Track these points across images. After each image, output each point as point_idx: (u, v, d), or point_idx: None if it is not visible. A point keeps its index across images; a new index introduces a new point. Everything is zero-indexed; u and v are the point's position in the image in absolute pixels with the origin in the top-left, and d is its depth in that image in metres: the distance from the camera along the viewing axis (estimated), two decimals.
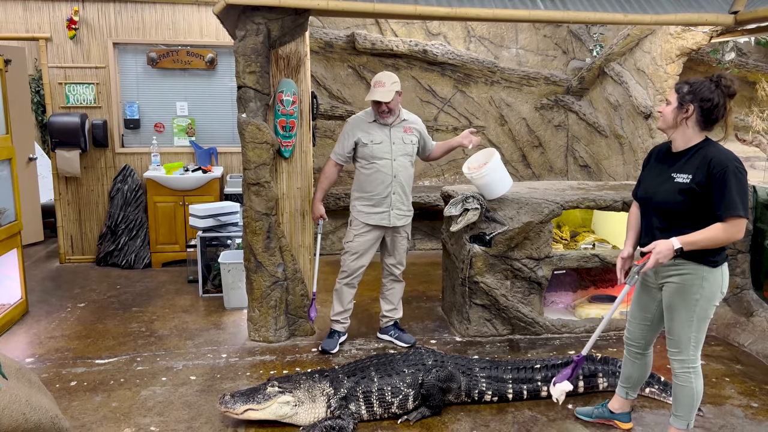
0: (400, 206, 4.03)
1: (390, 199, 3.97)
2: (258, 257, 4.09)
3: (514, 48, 6.73)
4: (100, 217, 6.17)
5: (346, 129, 4.04)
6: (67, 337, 4.32)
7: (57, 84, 5.91)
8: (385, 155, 3.94)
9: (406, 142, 4.00)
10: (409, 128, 4.04)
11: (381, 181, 3.95)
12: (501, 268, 4.26)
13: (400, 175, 3.99)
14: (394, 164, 3.95)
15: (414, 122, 4.10)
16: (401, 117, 4.03)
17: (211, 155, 6.22)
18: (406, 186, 4.02)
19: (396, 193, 3.98)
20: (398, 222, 4.04)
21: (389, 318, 4.28)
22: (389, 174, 3.95)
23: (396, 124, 3.99)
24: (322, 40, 6.18)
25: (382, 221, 4.01)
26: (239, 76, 3.93)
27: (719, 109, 2.62)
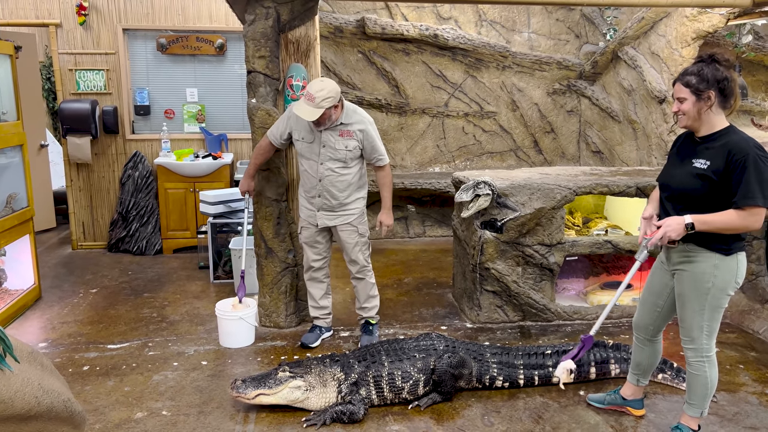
0: (329, 210, 3.76)
1: (316, 201, 3.76)
2: (268, 243, 4.09)
3: (526, 32, 6.65)
4: (111, 203, 6.20)
5: (286, 114, 3.78)
6: (79, 322, 4.35)
7: (67, 70, 5.91)
8: (312, 156, 3.69)
9: (338, 147, 3.64)
10: (347, 131, 3.66)
11: (308, 180, 3.76)
12: (512, 255, 4.23)
13: (326, 180, 3.68)
14: (319, 168, 3.67)
15: (357, 123, 3.68)
16: (339, 120, 3.65)
17: (221, 141, 6.21)
18: (335, 191, 3.70)
19: (322, 197, 3.72)
20: (328, 222, 3.78)
21: (359, 316, 4.05)
22: (314, 177, 3.71)
23: (329, 129, 3.64)
24: (331, 25, 6.13)
25: (310, 219, 3.83)
26: (248, 60, 3.90)
27: (732, 82, 2.58)
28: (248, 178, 3.95)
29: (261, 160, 3.89)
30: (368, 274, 3.94)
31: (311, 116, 3.44)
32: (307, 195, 3.80)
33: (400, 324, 4.32)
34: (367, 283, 3.96)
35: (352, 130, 3.67)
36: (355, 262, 3.88)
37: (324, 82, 3.50)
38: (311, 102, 3.44)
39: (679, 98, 2.63)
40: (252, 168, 3.93)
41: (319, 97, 3.43)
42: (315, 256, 3.90)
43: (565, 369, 2.95)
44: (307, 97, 3.45)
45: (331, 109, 3.52)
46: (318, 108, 3.43)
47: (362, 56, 6.36)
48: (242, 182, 3.96)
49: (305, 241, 3.89)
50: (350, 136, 3.67)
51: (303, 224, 3.89)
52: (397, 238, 6.62)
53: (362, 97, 6.32)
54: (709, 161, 2.57)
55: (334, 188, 3.70)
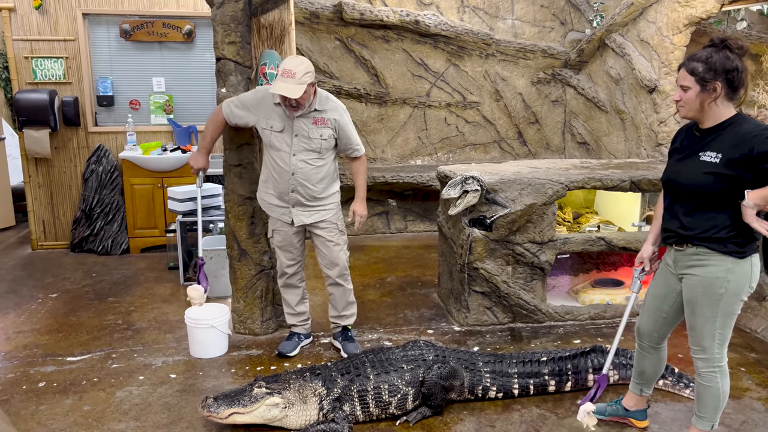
0: (304, 207, 3.45)
1: (290, 197, 3.43)
2: (242, 244, 3.80)
3: (510, 19, 6.41)
4: (73, 200, 5.82)
5: (251, 95, 3.45)
6: (36, 331, 4.01)
7: (23, 58, 5.51)
8: (283, 147, 3.35)
9: (312, 137, 3.35)
10: (321, 119, 3.36)
11: (280, 174, 3.40)
12: (502, 253, 4.01)
13: (299, 174, 3.36)
14: (292, 159, 3.35)
15: (332, 111, 3.39)
16: (313, 106, 3.35)
17: (191, 134, 5.87)
18: (309, 185, 3.39)
19: (296, 192, 3.40)
20: (306, 220, 3.46)
21: (335, 324, 3.75)
22: (287, 170, 3.37)
23: (302, 116, 3.33)
24: (307, 11, 5.81)
25: (283, 217, 3.48)
26: (217, 47, 3.59)
27: (743, 73, 2.35)
28: (202, 153, 3.63)
29: (213, 131, 3.57)
30: (348, 278, 3.67)
31: (295, 92, 3.11)
32: (277, 190, 3.45)
33: (384, 328, 4.07)
34: (346, 289, 3.68)
35: (327, 117, 3.38)
36: (335, 265, 3.58)
37: (298, 58, 3.26)
38: (292, 78, 3.13)
39: (682, 86, 2.40)
40: (206, 142, 3.61)
41: (299, 71, 3.14)
42: (289, 261, 3.59)
43: (586, 413, 2.79)
44: (285, 74, 3.14)
45: (310, 88, 3.23)
46: (300, 84, 3.14)
47: (340, 43, 6.06)
48: (194, 157, 3.64)
49: (279, 244, 3.57)
50: (324, 124, 3.38)
51: (275, 226, 3.55)
52: (378, 233, 6.36)
53: (340, 87, 6.02)
54: (720, 153, 2.35)
55: (308, 182, 3.39)
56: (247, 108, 3.41)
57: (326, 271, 3.62)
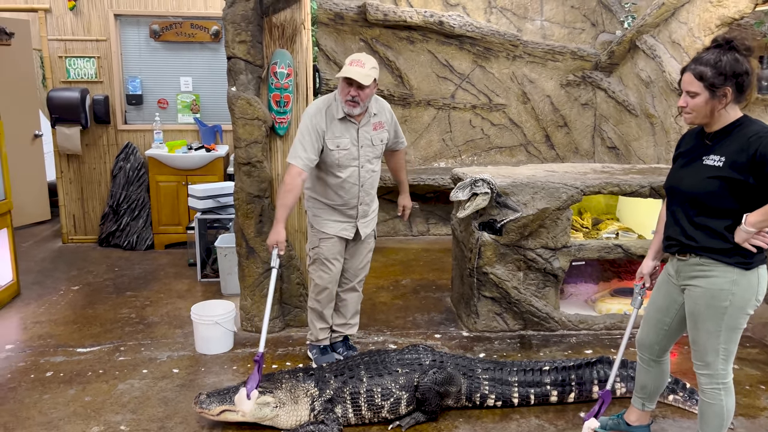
0: (368, 214, 3.41)
1: (357, 210, 3.33)
2: (250, 242, 3.81)
3: (539, 20, 6.27)
4: (102, 196, 5.98)
5: (308, 124, 3.15)
6: (53, 322, 4.12)
7: (57, 58, 5.69)
8: (352, 163, 3.23)
9: (375, 143, 3.29)
10: (379, 123, 3.30)
11: (346, 191, 3.27)
12: (513, 259, 3.91)
13: (367, 184, 3.31)
14: (361, 172, 3.26)
15: (384, 111, 3.35)
16: (371, 111, 3.25)
17: (216, 133, 5.95)
18: (372, 191, 3.38)
19: (363, 203, 3.34)
20: (367, 230, 3.43)
21: (339, 333, 3.62)
22: (356, 184, 3.26)
23: (365, 123, 3.25)
24: (331, 11, 5.82)
25: (343, 232, 3.36)
26: (228, 45, 3.62)
27: (751, 75, 2.22)
28: (282, 225, 3.13)
29: (293, 200, 3.14)
30: (363, 284, 3.64)
31: (364, 79, 3.00)
32: (343, 207, 3.29)
33: (391, 331, 4.02)
34: (360, 295, 3.64)
35: (383, 120, 3.33)
36: (363, 271, 3.55)
37: (365, 54, 3.18)
38: (361, 67, 3.04)
39: (689, 92, 2.27)
40: (284, 211, 3.13)
41: (368, 64, 3.07)
42: (336, 272, 3.40)
43: (590, 429, 2.73)
44: (355, 63, 3.06)
45: (374, 84, 3.12)
46: (368, 74, 3.03)
47: (364, 44, 6.05)
48: (273, 232, 3.13)
49: (329, 256, 3.34)
50: (382, 127, 3.32)
51: (326, 237, 3.34)
52: (400, 236, 6.32)
53: None
54: (724, 157, 2.22)
55: (372, 189, 3.35)
56: (316, 146, 3.15)
57: (347, 277, 3.52)
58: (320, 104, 3.22)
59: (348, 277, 3.53)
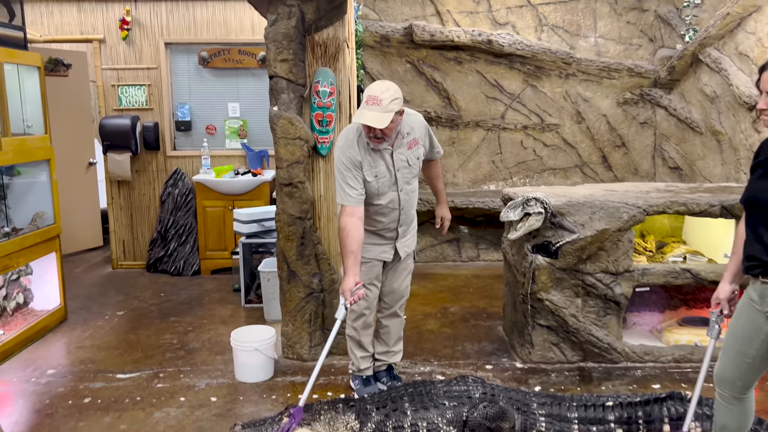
0: (407, 234, 3.23)
1: (396, 232, 3.16)
2: (291, 266, 3.68)
3: (593, 37, 6.04)
4: (151, 222, 6.02)
5: (343, 159, 2.96)
6: (96, 347, 4.08)
7: (110, 86, 5.81)
8: (391, 188, 3.05)
9: (411, 163, 3.08)
10: (413, 141, 3.08)
11: (386, 215, 3.10)
12: (570, 284, 3.64)
13: (407, 204, 3.14)
14: (400, 195, 3.09)
15: (417, 126, 3.11)
16: (402, 131, 3.03)
17: (263, 158, 5.93)
18: (411, 210, 3.21)
19: (403, 224, 3.17)
20: (408, 250, 3.26)
21: (382, 362, 3.41)
22: (395, 209, 3.10)
23: (399, 146, 3.03)
24: (377, 34, 5.75)
25: (383, 255, 3.18)
26: (270, 65, 3.56)
27: None
28: (349, 275, 2.89)
29: (358, 244, 2.92)
30: (404, 308, 3.43)
31: (381, 122, 2.77)
32: (383, 231, 3.14)
33: (438, 361, 3.79)
34: (402, 320, 3.44)
35: (417, 136, 3.11)
36: (402, 295, 3.34)
37: (385, 83, 2.91)
38: (377, 105, 2.79)
39: None
40: (353, 259, 2.90)
41: (386, 98, 2.80)
42: (372, 297, 3.23)
43: None
44: (371, 101, 2.80)
45: (397, 117, 2.90)
46: (387, 112, 2.79)
47: (411, 66, 5.94)
48: (347, 282, 2.88)
49: (365, 281, 3.10)
50: (417, 143, 3.11)
51: (363, 261, 3.09)
52: (448, 261, 6.09)
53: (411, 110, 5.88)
54: None
55: (412, 208, 3.20)
56: (359, 179, 2.97)
57: (387, 302, 3.33)
58: (350, 135, 3.01)
59: (388, 302, 3.34)
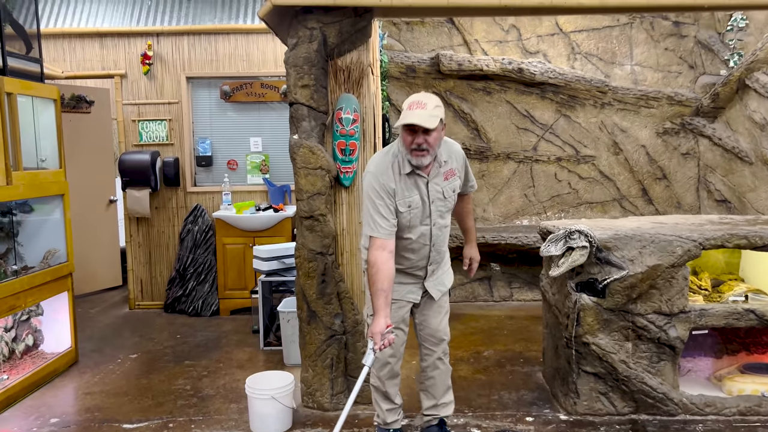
0: (437, 272, 2.92)
1: (425, 270, 2.86)
2: (311, 305, 3.40)
3: (629, 64, 5.77)
4: (170, 260, 5.81)
5: (375, 186, 2.68)
6: (105, 393, 3.82)
7: (131, 121, 5.70)
8: (424, 221, 2.76)
9: (447, 195, 2.79)
10: (450, 171, 2.80)
11: (415, 252, 2.80)
12: (619, 326, 3.28)
13: (438, 241, 2.83)
14: (432, 230, 2.79)
15: (454, 155, 2.84)
16: (440, 158, 2.74)
17: (285, 193, 5.72)
18: (443, 247, 2.90)
19: (433, 263, 2.87)
20: (441, 289, 2.93)
21: (432, 416, 3.05)
22: (426, 244, 2.79)
23: (435, 175, 2.75)
24: (403, 65, 5.57)
25: (410, 295, 2.88)
26: (290, 90, 3.36)
27: None
28: (379, 316, 2.57)
29: (388, 280, 2.60)
30: (448, 354, 3.06)
31: (430, 122, 2.53)
32: (411, 269, 2.85)
33: (473, 411, 3.44)
34: (448, 369, 3.04)
35: (454, 166, 2.83)
36: (443, 339, 2.96)
37: (427, 93, 2.71)
38: (422, 108, 2.56)
39: None
40: (383, 298, 2.58)
41: (430, 103, 2.59)
42: (399, 345, 2.89)
43: None
44: (414, 106, 2.57)
45: (441, 126, 2.64)
46: (433, 116, 2.56)
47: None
48: (377, 323, 2.55)
49: (393, 323, 2.74)
50: (453, 174, 2.82)
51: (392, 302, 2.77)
52: (479, 301, 5.75)
53: None
54: None
55: (443, 245, 2.88)
56: (392, 209, 2.68)
57: (430, 348, 2.96)
58: (383, 160, 2.74)
59: (430, 347, 2.97)
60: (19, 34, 4.07)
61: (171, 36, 5.61)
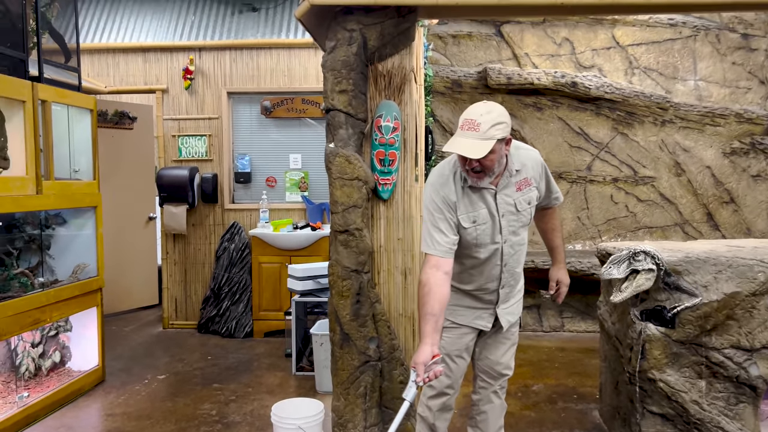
0: (510, 298, 2.57)
1: (497, 294, 2.51)
2: (345, 327, 3.13)
3: (692, 80, 5.39)
4: (205, 278, 5.66)
5: (434, 199, 2.38)
6: (127, 416, 3.62)
7: (171, 136, 5.63)
8: (495, 238, 2.41)
9: (521, 209, 2.43)
10: (524, 180, 2.43)
11: (485, 274, 2.47)
12: (691, 361, 2.89)
13: (512, 261, 2.48)
14: (504, 248, 2.44)
15: (531, 163, 2.46)
16: (511, 167, 2.39)
17: (323, 211, 5.51)
18: (518, 268, 2.55)
19: (506, 286, 2.51)
20: (511, 318, 2.59)
21: None
22: (497, 265, 2.45)
23: (505, 186, 2.41)
24: (449, 79, 5.34)
25: (478, 321, 2.55)
26: (327, 96, 3.14)
27: None
28: (424, 343, 2.23)
29: (439, 304, 2.27)
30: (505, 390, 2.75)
31: (476, 151, 2.15)
32: (479, 292, 2.52)
33: None
34: (503, 404, 2.72)
35: (530, 176, 2.45)
36: (504, 373, 2.64)
37: (488, 104, 2.27)
38: (474, 131, 2.18)
39: None
40: (432, 323, 2.25)
41: (486, 122, 2.18)
42: (458, 375, 2.58)
43: None
44: (466, 126, 2.21)
45: (501, 146, 2.26)
46: (486, 139, 2.16)
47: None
48: (422, 352, 2.21)
49: (452, 351, 2.52)
50: (529, 185, 2.45)
51: (452, 327, 2.54)
52: (527, 331, 5.36)
53: None
54: None
55: (518, 267, 2.54)
56: (452, 224, 2.38)
57: (486, 381, 2.64)
58: (445, 170, 2.43)
59: (487, 380, 2.65)
60: (58, 42, 4.02)
61: (213, 51, 5.54)
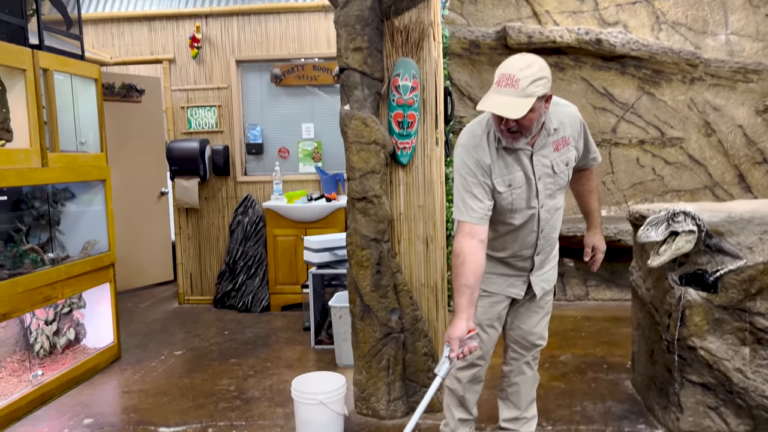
0: (545, 265, 2.43)
1: (532, 261, 2.37)
2: (365, 299, 2.99)
3: (723, 34, 5.11)
4: (220, 253, 5.54)
5: (467, 161, 2.21)
6: (143, 393, 3.53)
7: (179, 108, 5.47)
8: (531, 202, 2.24)
9: (558, 170, 2.25)
10: (562, 139, 2.25)
11: (518, 240, 2.32)
12: (734, 327, 2.72)
13: (548, 227, 2.32)
14: (541, 213, 2.27)
15: (569, 121, 2.27)
16: (549, 126, 2.19)
17: (338, 182, 5.35)
18: (554, 234, 2.39)
19: (542, 252, 2.37)
20: (546, 286, 2.46)
21: (510, 431, 2.63)
22: (533, 231, 2.29)
23: (542, 146, 2.22)
24: (466, 40, 5.10)
25: (512, 289, 2.41)
26: (341, 54, 2.96)
27: None
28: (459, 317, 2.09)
29: (474, 275, 2.12)
30: None
31: (515, 111, 1.96)
32: (513, 259, 2.38)
33: (553, 425, 2.95)
34: (536, 376, 2.60)
35: (568, 134, 2.26)
36: (537, 343, 2.52)
37: (527, 57, 2.07)
38: (512, 87, 1.98)
39: None
40: (468, 296, 2.10)
41: (526, 77, 1.97)
42: (489, 345, 2.45)
43: None
44: (503, 81, 2.00)
45: (541, 103, 2.06)
46: (526, 97, 1.97)
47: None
48: (456, 325, 2.08)
49: (484, 320, 2.39)
50: (567, 144, 2.26)
51: (485, 295, 2.39)
52: None
53: None
54: None
55: (554, 232, 2.39)
56: (486, 189, 2.20)
57: (519, 352, 2.52)
58: (477, 130, 2.24)
59: (519, 351, 2.52)
60: (59, 9, 3.85)
61: (220, 17, 5.34)
